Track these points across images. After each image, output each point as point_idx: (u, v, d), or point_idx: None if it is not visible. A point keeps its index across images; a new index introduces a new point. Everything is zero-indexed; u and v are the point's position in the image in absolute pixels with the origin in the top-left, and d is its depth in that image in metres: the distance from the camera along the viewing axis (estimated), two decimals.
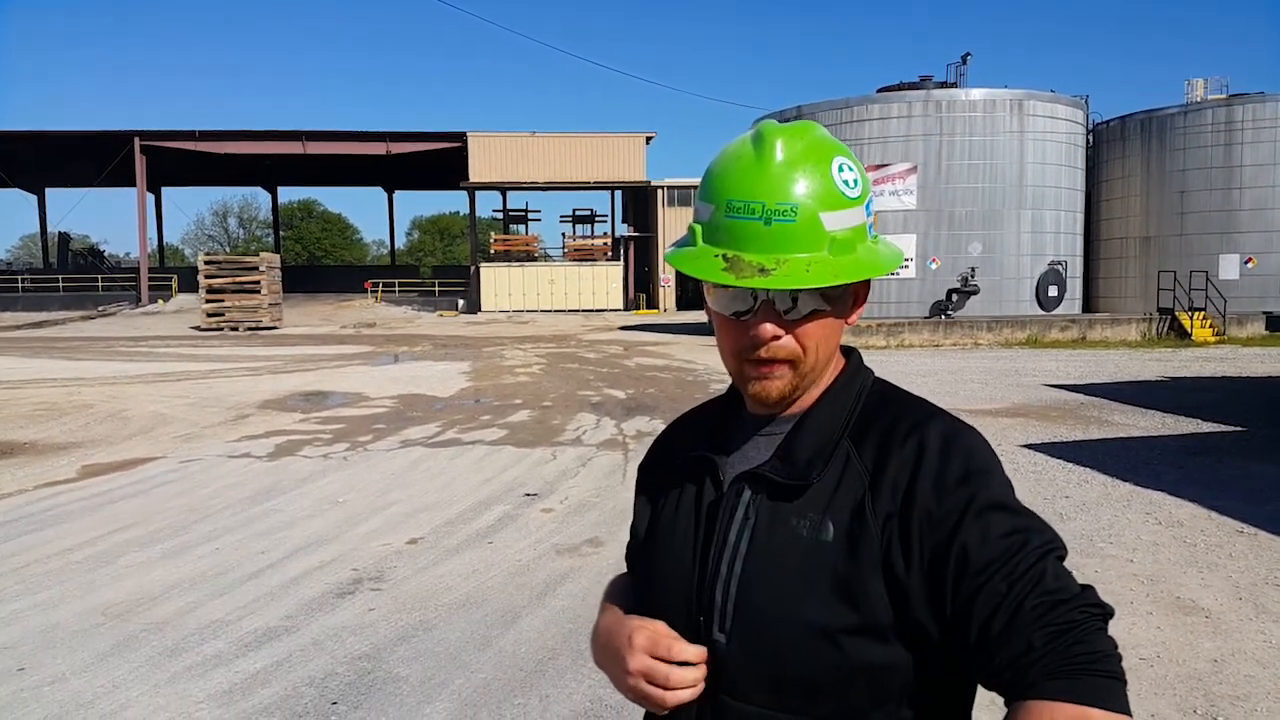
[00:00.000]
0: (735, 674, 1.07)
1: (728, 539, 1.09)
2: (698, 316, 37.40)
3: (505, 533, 6.48)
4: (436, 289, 54.41)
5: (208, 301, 34.96)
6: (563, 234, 54.21)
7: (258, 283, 35.36)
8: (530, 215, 54.69)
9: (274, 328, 35.25)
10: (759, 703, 1.05)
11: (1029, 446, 9.41)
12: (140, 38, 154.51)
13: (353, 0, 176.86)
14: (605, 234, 52.15)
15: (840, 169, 1.05)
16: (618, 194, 51.44)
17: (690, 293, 47.63)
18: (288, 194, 79.63)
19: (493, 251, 49.39)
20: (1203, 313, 25.18)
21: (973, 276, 26.22)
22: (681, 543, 1.15)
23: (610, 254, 49.05)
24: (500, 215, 54.40)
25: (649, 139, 48.26)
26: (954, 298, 26.22)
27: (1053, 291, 27.19)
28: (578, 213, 53.90)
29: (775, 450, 1.11)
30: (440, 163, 50.24)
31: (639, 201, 53.05)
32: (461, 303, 48.02)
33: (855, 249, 1.05)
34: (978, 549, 0.96)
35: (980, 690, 1.04)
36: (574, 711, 3.76)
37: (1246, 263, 27.14)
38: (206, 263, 36.32)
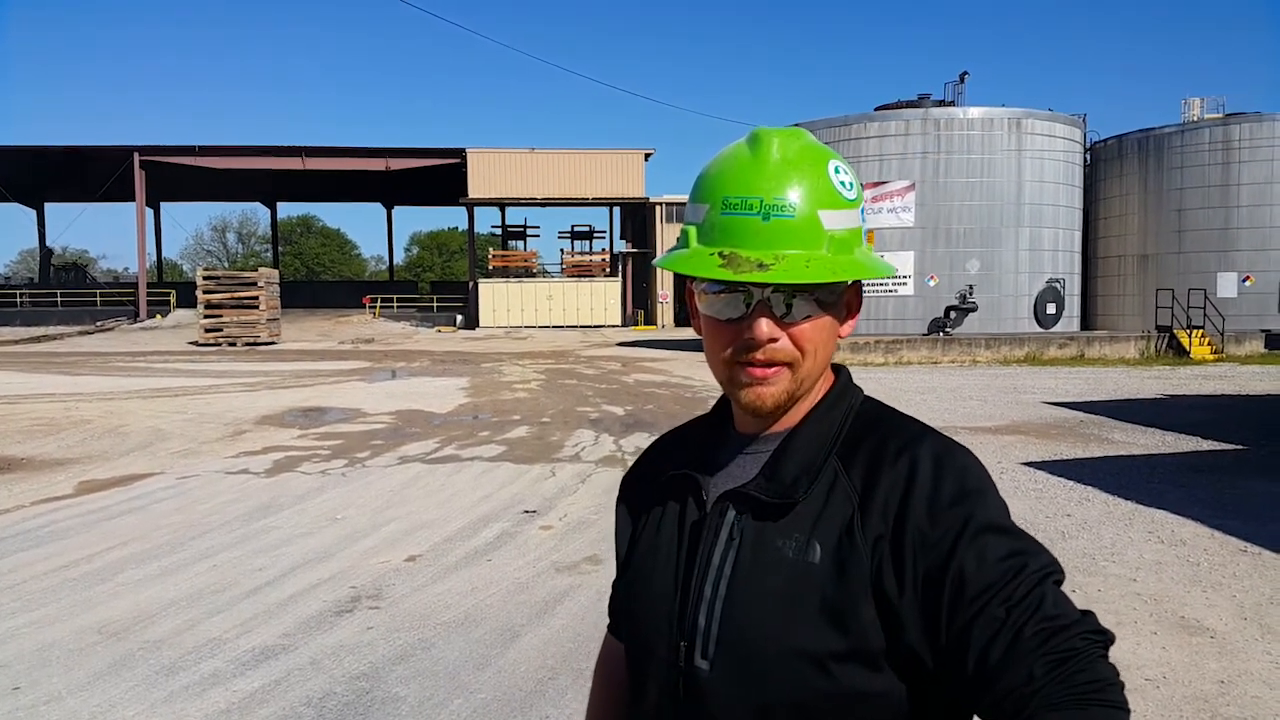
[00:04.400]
0: (718, 702, 1.02)
1: (711, 560, 1.05)
2: (696, 333, 37.75)
3: (504, 550, 6.44)
4: (435, 305, 54.36)
5: (206, 317, 34.92)
6: (561, 250, 54.37)
7: (256, 298, 35.35)
8: (529, 231, 54.87)
9: (272, 343, 35.22)
10: None
11: (1029, 464, 9.39)
12: (139, 53, 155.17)
13: (353, 16, 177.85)
14: (603, 250, 52.26)
15: (836, 170, 1.04)
16: (616, 210, 51.53)
17: (688, 309, 47.66)
18: (287, 209, 79.86)
19: (491, 267, 49.46)
20: (1201, 331, 25.21)
21: (971, 294, 26.26)
22: (663, 564, 1.11)
23: (608, 270, 49.13)
24: (499, 231, 54.50)
25: (647, 155, 48.40)
26: (952, 315, 26.25)
27: (1051, 309, 27.24)
28: (576, 229, 54.03)
29: (761, 468, 1.07)
30: (439, 179, 50.35)
31: (637, 218, 53.19)
32: (460, 318, 48.03)
33: (853, 250, 1.03)
34: (974, 572, 0.92)
35: None
36: None
37: (1245, 281, 27.21)
38: (205, 278, 36.30)
